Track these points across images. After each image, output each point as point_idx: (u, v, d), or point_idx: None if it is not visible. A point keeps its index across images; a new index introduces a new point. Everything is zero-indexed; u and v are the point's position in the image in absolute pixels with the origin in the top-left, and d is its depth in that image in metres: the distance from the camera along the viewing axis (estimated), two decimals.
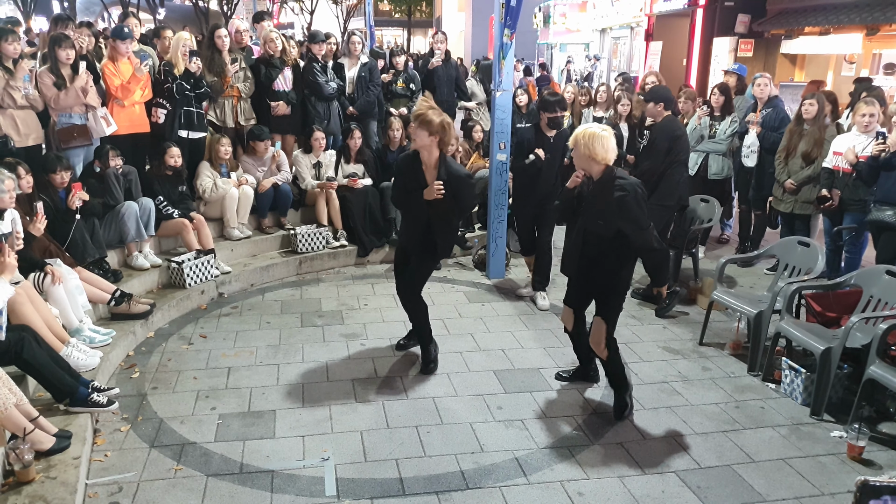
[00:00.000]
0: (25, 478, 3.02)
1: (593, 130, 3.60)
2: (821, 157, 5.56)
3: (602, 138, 3.58)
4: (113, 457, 3.46)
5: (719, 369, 4.56)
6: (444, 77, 7.64)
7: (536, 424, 3.84)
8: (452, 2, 34.87)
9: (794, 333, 4.21)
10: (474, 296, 5.85)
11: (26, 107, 5.14)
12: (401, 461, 3.47)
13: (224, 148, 6.16)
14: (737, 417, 3.96)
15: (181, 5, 36.58)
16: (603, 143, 3.57)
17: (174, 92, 5.91)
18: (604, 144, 3.58)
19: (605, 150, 3.58)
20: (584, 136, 3.59)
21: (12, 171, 4.29)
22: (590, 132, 3.59)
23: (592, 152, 3.57)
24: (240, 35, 6.71)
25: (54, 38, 5.31)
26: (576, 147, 3.64)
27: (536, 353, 4.75)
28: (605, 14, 20.70)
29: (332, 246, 6.52)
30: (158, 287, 5.47)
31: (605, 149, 3.58)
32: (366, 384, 4.25)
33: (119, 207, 5.29)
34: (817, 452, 3.62)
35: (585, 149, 3.59)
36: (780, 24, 13.68)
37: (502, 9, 5.61)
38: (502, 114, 5.87)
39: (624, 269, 3.82)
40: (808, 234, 5.76)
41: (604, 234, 3.67)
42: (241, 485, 3.27)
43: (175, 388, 4.18)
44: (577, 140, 3.62)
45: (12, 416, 3.09)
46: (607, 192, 3.60)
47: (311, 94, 6.82)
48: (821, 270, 4.55)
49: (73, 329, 4.22)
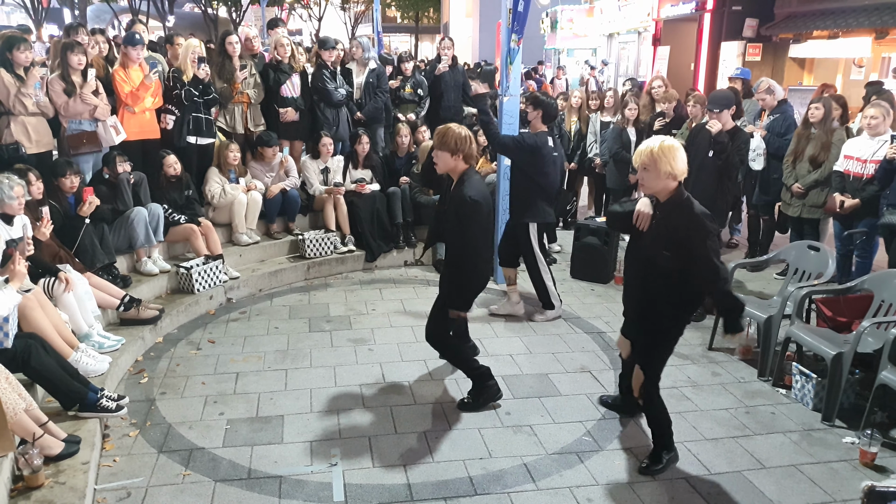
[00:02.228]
0: (34, 483, 3.03)
1: (670, 142, 3.07)
2: (828, 161, 5.53)
3: (679, 150, 3.07)
4: (121, 462, 3.47)
5: (729, 374, 4.53)
6: (451, 83, 7.65)
7: (545, 430, 3.82)
8: (460, 7, 34.98)
9: (804, 338, 4.18)
10: (482, 300, 5.83)
11: (37, 113, 5.19)
12: (409, 467, 3.47)
13: (233, 154, 6.19)
14: (747, 423, 3.93)
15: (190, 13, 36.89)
16: (682, 156, 3.08)
17: (183, 98, 5.95)
18: (683, 157, 3.08)
19: (684, 164, 3.08)
20: (663, 149, 3.03)
21: (23, 177, 4.32)
22: (668, 144, 3.05)
23: (674, 168, 3.04)
24: (250, 42, 6.75)
25: (66, 45, 5.36)
26: (654, 162, 3.04)
27: (545, 359, 4.73)
28: (613, 19, 20.71)
29: (340, 251, 6.54)
30: (167, 292, 5.49)
31: (684, 162, 3.08)
32: (374, 389, 4.25)
33: (128, 213, 5.32)
34: (829, 458, 3.59)
35: (667, 164, 3.03)
36: (789, 29, 13.64)
37: (510, 14, 5.62)
38: (510, 119, 5.87)
39: (685, 313, 3.31)
40: (818, 238, 5.72)
41: (667, 266, 3.13)
42: (249, 490, 3.27)
43: (183, 393, 4.19)
44: (654, 155, 3.04)
45: (22, 421, 3.10)
46: (677, 217, 3.10)
47: (319, 101, 6.85)
48: (831, 275, 4.52)
49: (82, 334, 4.23)
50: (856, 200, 5.18)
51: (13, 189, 4.08)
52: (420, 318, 5.42)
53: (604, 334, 5.15)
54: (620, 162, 7.17)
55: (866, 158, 5.15)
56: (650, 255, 3.19)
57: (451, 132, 3.75)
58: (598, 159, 7.54)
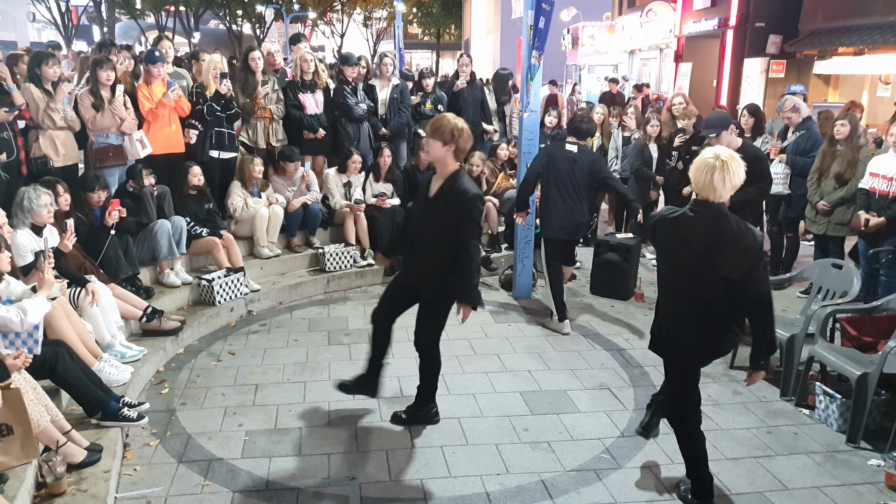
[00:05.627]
0: (57, 490, 3.08)
1: (731, 152, 2.96)
2: (855, 179, 5.46)
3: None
4: (142, 471, 3.50)
5: (750, 393, 4.46)
6: (469, 99, 7.70)
7: (563, 447, 3.79)
8: (481, 24, 35.25)
9: (828, 358, 4.11)
10: (500, 316, 5.82)
11: (65, 128, 5.31)
12: (426, 481, 3.45)
13: (256, 168, 6.27)
14: (769, 443, 3.86)
15: (215, 29, 37.61)
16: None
17: (205, 113, 6.05)
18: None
19: (740, 180, 2.96)
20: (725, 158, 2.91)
21: (51, 189, 4.43)
22: (728, 153, 2.94)
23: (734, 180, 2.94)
24: (272, 57, 6.85)
25: (96, 61, 5.50)
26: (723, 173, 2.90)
27: (563, 375, 4.70)
28: (634, 35, 20.72)
29: (360, 265, 6.57)
30: (189, 304, 5.56)
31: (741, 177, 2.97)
32: (391, 403, 4.24)
33: (152, 226, 5.41)
34: (854, 481, 3.51)
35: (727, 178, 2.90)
36: (813, 45, 13.53)
37: (530, 31, 5.65)
38: (530, 135, 5.89)
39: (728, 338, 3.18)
40: (843, 256, 5.63)
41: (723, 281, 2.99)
42: (267, 501, 3.28)
43: (203, 404, 4.23)
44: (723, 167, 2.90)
45: (47, 429, 3.16)
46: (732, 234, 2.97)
47: (341, 116, 6.92)
48: (857, 293, 4.45)
49: (105, 344, 4.30)
50: (881, 219, 5.10)
51: (40, 198, 4.19)
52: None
53: (623, 351, 5.11)
54: (642, 178, 7.15)
55: (893, 176, 5.08)
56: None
57: (446, 121, 3.56)
58: (619, 175, 7.52)
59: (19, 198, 4.20)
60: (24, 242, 4.13)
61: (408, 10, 34.90)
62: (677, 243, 3.09)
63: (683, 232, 3.05)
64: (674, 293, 3.20)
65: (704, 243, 2.98)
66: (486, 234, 7.16)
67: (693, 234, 3.01)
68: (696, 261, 3.01)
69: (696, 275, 3.02)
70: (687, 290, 3.09)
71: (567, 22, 22.86)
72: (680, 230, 3.07)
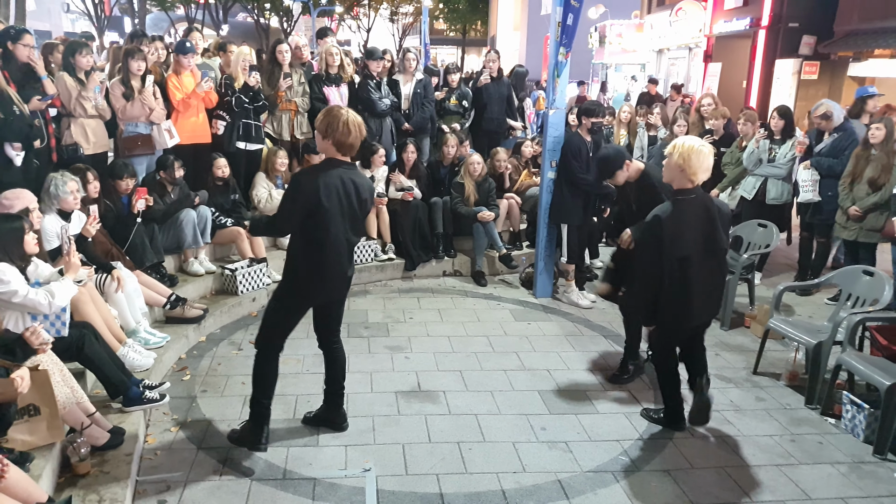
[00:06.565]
0: (81, 470, 3.13)
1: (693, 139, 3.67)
2: (889, 184, 5.33)
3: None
4: (162, 456, 3.54)
5: (774, 400, 4.39)
6: (494, 95, 7.64)
7: (581, 447, 3.76)
8: (507, 20, 35.10)
9: (857, 367, 4.02)
10: (520, 314, 5.80)
11: (95, 116, 5.39)
12: (442, 476, 3.45)
13: (281, 160, 6.31)
14: (792, 451, 3.79)
15: (243, 22, 37.93)
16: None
17: (233, 105, 6.10)
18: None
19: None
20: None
21: (81, 176, 4.50)
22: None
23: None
24: (299, 50, 6.88)
25: (128, 51, 5.59)
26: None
27: (582, 375, 4.66)
28: (663, 34, 20.46)
29: (380, 259, 6.58)
30: (212, 293, 5.61)
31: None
32: (409, 397, 4.25)
33: (178, 214, 5.47)
34: (880, 493, 3.44)
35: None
36: (849, 47, 13.24)
37: (558, 27, 5.60)
38: (555, 132, 5.85)
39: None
40: (874, 263, 5.50)
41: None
42: (284, 490, 3.30)
43: (224, 392, 4.27)
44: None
45: (72, 411, 3.22)
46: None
47: (364, 110, 6.93)
48: (888, 301, 4.34)
49: (129, 330, 4.36)
50: None
51: (66, 185, 4.26)
52: (457, 327, 5.42)
53: (644, 353, 5.04)
54: None
55: None
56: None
57: (332, 112, 3.58)
58: None
59: (47, 184, 4.28)
60: (51, 227, 4.19)
61: (434, 6, 34.85)
62: (685, 230, 3.53)
63: (688, 218, 3.53)
64: (691, 277, 3.57)
65: (707, 220, 3.56)
66: (507, 232, 7.13)
67: (695, 217, 3.54)
68: (703, 237, 3.55)
69: (705, 250, 3.56)
70: (699, 266, 3.57)
71: (595, 20, 22.63)
72: (685, 217, 3.53)
